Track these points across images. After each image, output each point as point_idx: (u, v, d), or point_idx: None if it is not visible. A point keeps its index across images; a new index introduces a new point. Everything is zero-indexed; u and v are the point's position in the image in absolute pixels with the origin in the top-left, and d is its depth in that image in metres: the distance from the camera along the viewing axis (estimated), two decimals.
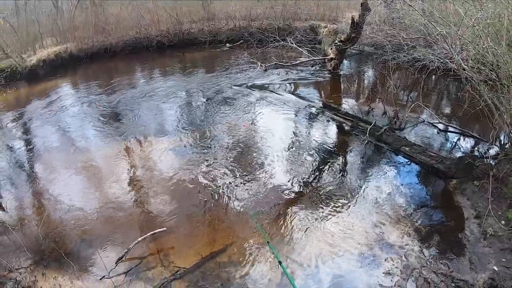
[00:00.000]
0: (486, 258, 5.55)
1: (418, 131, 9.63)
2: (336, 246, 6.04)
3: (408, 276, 5.34)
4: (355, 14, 12.81)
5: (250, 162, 8.57)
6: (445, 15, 9.15)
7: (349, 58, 16.46)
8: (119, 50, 19.49)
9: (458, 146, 8.97)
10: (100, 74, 17.14)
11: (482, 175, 7.01)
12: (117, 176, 8.44)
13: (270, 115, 11.09)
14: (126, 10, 21.45)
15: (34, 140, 10.71)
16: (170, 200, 7.46)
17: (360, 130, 9.52)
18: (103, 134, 10.60)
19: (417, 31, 10.91)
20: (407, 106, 10.14)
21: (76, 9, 21.42)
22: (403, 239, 6.08)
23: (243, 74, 14.72)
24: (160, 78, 15.53)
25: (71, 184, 8.34)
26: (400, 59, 11.80)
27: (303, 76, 14.46)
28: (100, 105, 12.69)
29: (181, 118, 11.26)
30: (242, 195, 7.42)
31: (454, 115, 10.66)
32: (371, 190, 7.45)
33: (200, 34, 20.29)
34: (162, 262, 5.98)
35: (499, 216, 6.15)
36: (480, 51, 7.65)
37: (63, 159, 9.40)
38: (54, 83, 15.96)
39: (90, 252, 6.30)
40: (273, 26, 18.56)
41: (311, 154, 8.84)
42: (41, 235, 6.66)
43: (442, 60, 9.86)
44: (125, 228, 6.80)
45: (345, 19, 15.39)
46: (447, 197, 7.16)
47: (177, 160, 8.86)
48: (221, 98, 12.56)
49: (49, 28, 19.91)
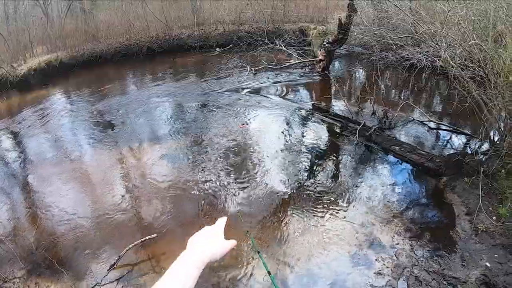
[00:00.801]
0: (478, 254, 5.53)
1: (408, 130, 9.62)
2: (327, 248, 6.01)
3: (399, 276, 5.32)
4: (342, 16, 12.85)
5: (242, 166, 8.53)
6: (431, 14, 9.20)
7: (338, 59, 16.49)
8: (109, 57, 19.53)
9: (449, 143, 8.98)
10: (91, 81, 17.11)
11: (472, 171, 7.01)
12: (109, 184, 8.39)
13: (260, 118, 11.07)
14: (116, 16, 21.48)
15: (25, 149, 10.68)
16: (162, 207, 7.41)
17: (350, 131, 9.50)
18: (96, 141, 10.54)
19: (405, 30, 10.98)
20: (397, 105, 10.13)
21: (66, 16, 21.41)
22: (393, 238, 6.05)
23: (233, 78, 14.69)
24: (151, 84, 15.49)
25: (63, 192, 8.30)
26: (388, 58, 11.85)
27: (293, 79, 14.46)
28: (92, 113, 12.63)
29: (173, 123, 11.24)
30: (234, 199, 7.39)
31: (444, 112, 10.70)
32: (361, 190, 7.43)
33: (190, 39, 20.34)
34: (154, 269, 5.96)
35: (490, 212, 6.15)
36: (467, 48, 7.68)
37: (55, 167, 9.34)
38: (45, 92, 15.94)
39: (82, 260, 6.26)
40: (263, 29, 18.58)
41: (302, 157, 8.82)
42: (34, 245, 6.63)
43: (430, 58, 9.90)
44: (117, 235, 6.76)
45: (334, 21, 15.43)
46: (437, 194, 7.14)
47: (169, 166, 8.82)
48: (212, 102, 12.54)
49: (39, 36, 19.94)
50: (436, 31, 8.30)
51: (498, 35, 8.06)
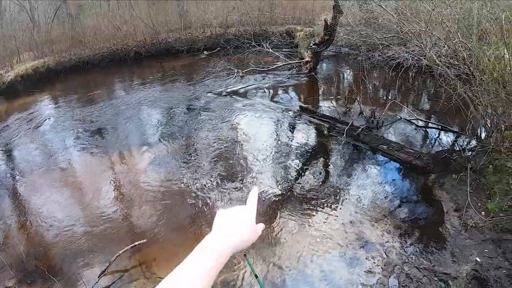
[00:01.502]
0: (468, 250, 5.56)
1: (396, 129, 9.69)
2: (317, 248, 6.00)
3: (390, 273, 5.32)
4: (328, 17, 12.91)
5: (231, 169, 8.51)
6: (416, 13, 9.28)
7: (325, 60, 16.56)
8: (97, 62, 19.36)
9: (436, 141, 9.06)
10: (79, 87, 16.94)
11: (460, 168, 7.08)
12: (98, 190, 8.30)
13: (248, 121, 11.06)
14: (103, 21, 21.35)
15: (13, 157, 10.53)
16: (153, 212, 7.34)
17: (338, 131, 9.52)
18: (84, 148, 10.42)
19: (391, 30, 11.05)
20: (384, 104, 10.18)
21: (53, 22, 21.24)
22: (383, 236, 6.07)
23: (221, 81, 14.64)
24: (139, 88, 15.37)
25: (52, 200, 8.18)
26: (375, 58, 11.92)
27: (280, 80, 14.48)
28: (80, 119, 12.51)
29: (162, 128, 11.18)
30: (225, 203, 7.35)
31: (431, 110, 10.80)
32: (350, 190, 7.45)
33: (177, 43, 20.26)
34: (144, 274, 5.89)
35: (478, 208, 6.21)
36: (452, 46, 7.76)
37: (44, 175, 9.22)
38: (33, 98, 15.72)
39: (73, 268, 6.18)
40: (250, 32, 18.58)
41: (290, 158, 8.82)
42: (24, 253, 6.52)
43: (416, 57, 9.97)
44: (108, 241, 6.68)
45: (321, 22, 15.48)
46: (426, 192, 7.19)
47: (159, 171, 8.74)
48: (200, 106, 12.50)
49: (26, 42, 19.72)
50: (421, 30, 8.37)
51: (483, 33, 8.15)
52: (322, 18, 13.83)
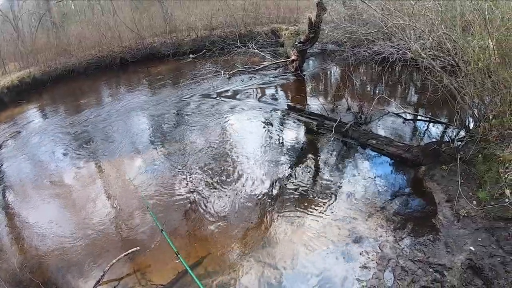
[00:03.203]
0: (461, 239, 5.58)
1: (385, 123, 9.72)
2: (311, 246, 6.00)
3: (384, 267, 5.33)
4: (312, 15, 12.92)
5: (222, 171, 8.48)
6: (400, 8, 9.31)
7: (312, 58, 16.59)
8: (82, 70, 19.35)
9: (425, 133, 9.09)
10: (65, 96, 16.88)
11: (449, 159, 7.11)
12: (89, 200, 8.22)
13: (237, 122, 11.06)
14: (87, 28, 21.22)
15: (2, 169, 10.41)
16: (145, 219, 7.29)
17: (326, 128, 9.52)
18: (74, 157, 10.33)
19: (375, 25, 11.07)
20: (372, 99, 10.20)
21: (37, 31, 21.07)
22: (376, 231, 6.07)
23: (208, 84, 14.61)
24: (126, 95, 15.31)
25: (44, 211, 8.12)
26: (360, 54, 11.92)
27: (267, 80, 14.50)
28: (68, 128, 12.41)
29: (150, 133, 11.14)
30: (216, 206, 7.32)
31: (419, 103, 10.86)
32: (342, 186, 7.45)
33: (163, 47, 20.27)
34: (139, 281, 5.85)
35: (470, 197, 6.23)
36: (436, 38, 7.79)
37: (34, 185, 9.15)
38: (19, 109, 15.66)
39: (67, 279, 6.13)
40: (235, 33, 18.56)
41: (280, 158, 8.82)
42: (18, 267, 6.46)
43: (401, 51, 10.00)
44: (101, 251, 6.61)
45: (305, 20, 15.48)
46: (417, 184, 7.21)
47: (149, 177, 8.67)
48: (188, 109, 12.48)
49: (10, 52, 19.60)
50: (405, 24, 8.39)
51: (466, 24, 8.19)
52: (307, 16, 13.82)
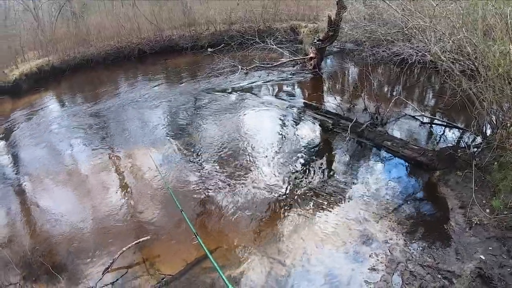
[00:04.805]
0: (472, 247, 5.53)
1: (401, 125, 9.63)
2: (321, 244, 6.01)
3: (393, 271, 5.31)
4: (332, 13, 12.83)
5: (236, 166, 8.52)
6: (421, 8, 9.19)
7: (330, 56, 16.48)
8: (101, 60, 19.42)
9: (441, 137, 8.99)
10: (83, 85, 17.05)
11: (465, 165, 7.02)
12: (103, 187, 8.36)
13: (253, 117, 11.07)
14: (107, 19, 21.35)
15: (19, 154, 10.62)
16: (156, 209, 7.39)
17: (342, 128, 9.50)
18: (89, 145, 10.47)
19: (395, 25, 10.95)
20: (389, 100, 10.11)
21: (57, 20, 21.27)
22: (387, 233, 6.05)
23: (225, 78, 14.61)
24: (143, 86, 15.38)
25: (58, 197, 8.29)
26: (379, 54, 11.82)
27: (284, 77, 14.45)
28: (85, 117, 12.56)
29: (166, 125, 11.22)
30: (228, 200, 7.36)
31: (436, 107, 10.73)
32: (354, 186, 7.43)
33: (181, 40, 20.24)
34: (148, 271, 5.94)
35: (483, 205, 6.16)
36: (456, 41, 7.68)
37: (49, 172, 9.29)
38: (37, 96, 15.86)
39: (77, 264, 6.25)
40: (254, 29, 18.49)
41: (295, 155, 8.80)
42: (29, 250, 6.61)
43: (420, 53, 9.89)
44: (112, 238, 6.72)
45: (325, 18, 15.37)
46: (431, 189, 7.15)
47: (164, 168, 8.74)
48: (204, 103, 12.51)
49: (30, 41, 19.80)
50: (425, 26, 8.28)
51: (488, 28, 8.05)
52: (326, 14, 13.71)
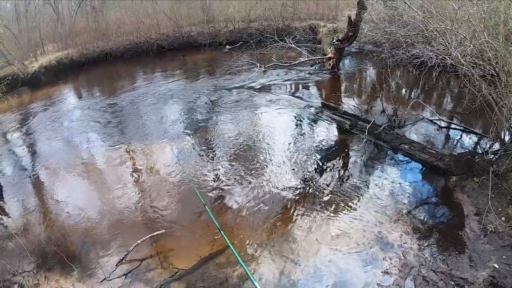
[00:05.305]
0: (486, 255, 5.49)
1: (418, 129, 9.56)
2: (335, 246, 6.02)
3: (406, 275, 5.31)
4: (352, 13, 12.76)
5: (252, 164, 8.58)
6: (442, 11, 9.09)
7: (349, 57, 16.41)
8: (119, 54, 19.66)
9: (459, 142, 8.90)
10: (101, 79, 17.31)
11: (482, 171, 6.95)
12: (119, 180, 8.49)
13: (270, 116, 11.09)
14: (126, 14, 21.55)
15: (37, 145, 10.83)
16: (171, 203, 7.49)
17: (359, 129, 9.46)
18: (106, 138, 10.66)
19: (415, 27, 10.84)
20: (407, 103, 10.05)
21: (76, 14, 21.53)
22: (401, 237, 6.04)
23: (243, 76, 14.70)
24: (161, 81, 15.54)
25: (74, 188, 8.45)
26: (398, 56, 11.74)
27: (302, 76, 14.43)
28: (103, 110, 12.77)
29: (183, 121, 11.32)
30: (244, 197, 7.42)
31: (454, 111, 10.61)
32: (370, 188, 7.42)
33: (200, 37, 20.36)
34: (161, 264, 6.03)
35: (499, 213, 6.09)
36: (477, 46, 7.59)
37: (66, 164, 9.47)
38: (56, 88, 16.16)
39: (91, 255, 6.37)
40: (272, 27, 18.47)
41: (311, 154, 8.82)
42: (44, 239, 6.73)
43: (440, 56, 9.79)
44: (126, 231, 6.84)
45: (344, 18, 15.29)
46: (447, 194, 7.10)
47: (180, 163, 8.80)
48: (222, 99, 12.60)
49: (50, 34, 20.14)
50: (446, 29, 8.19)
51: (510, 33, 7.94)
52: (346, 14, 13.65)
